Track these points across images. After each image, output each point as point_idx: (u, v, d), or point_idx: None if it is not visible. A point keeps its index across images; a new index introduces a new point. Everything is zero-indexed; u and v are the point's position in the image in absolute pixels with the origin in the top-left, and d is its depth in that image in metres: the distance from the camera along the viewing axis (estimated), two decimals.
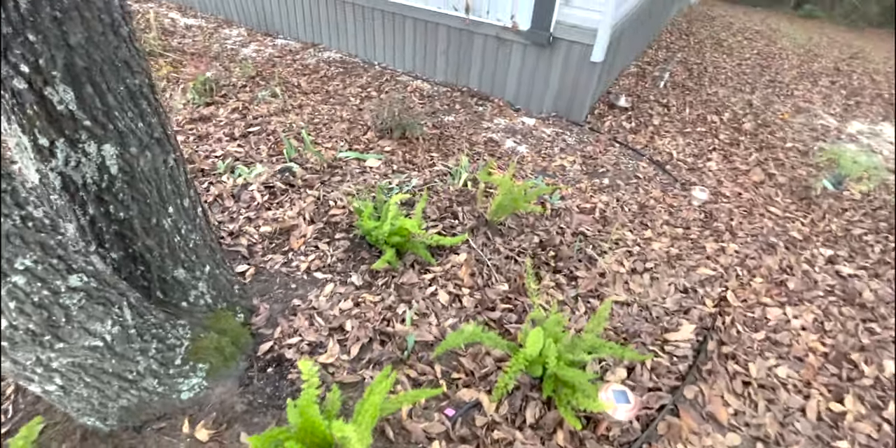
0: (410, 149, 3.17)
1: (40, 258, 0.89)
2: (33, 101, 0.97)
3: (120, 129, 1.10)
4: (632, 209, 3.15)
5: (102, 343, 1.06)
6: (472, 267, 2.15)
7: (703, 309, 2.34)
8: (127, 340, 1.11)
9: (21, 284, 0.88)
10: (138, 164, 1.17)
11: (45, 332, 0.95)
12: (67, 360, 1.02)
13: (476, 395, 1.60)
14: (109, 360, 1.08)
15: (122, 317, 1.10)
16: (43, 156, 1.07)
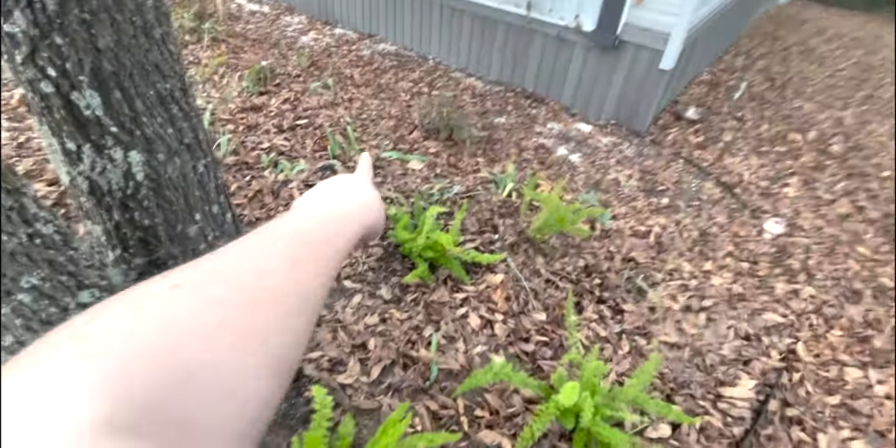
0: (456, 152, 3.04)
1: (48, 276, 0.85)
2: (60, 105, 0.92)
3: (148, 135, 1.04)
4: (692, 236, 2.87)
5: None
6: (508, 290, 2.01)
7: (768, 362, 2.07)
8: None
9: (27, 302, 0.84)
10: (166, 170, 1.12)
11: None
12: None
13: (499, 440, 1.47)
14: None
15: None
16: (71, 159, 1.02)
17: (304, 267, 0.30)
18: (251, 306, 0.26)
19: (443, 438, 1.27)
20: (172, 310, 0.23)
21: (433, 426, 1.47)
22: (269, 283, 0.27)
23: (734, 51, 5.94)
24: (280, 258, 0.29)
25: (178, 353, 0.22)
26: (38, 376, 0.19)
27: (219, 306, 0.24)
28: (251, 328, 0.25)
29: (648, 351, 2.02)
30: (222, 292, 0.25)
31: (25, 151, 2.44)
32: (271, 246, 0.30)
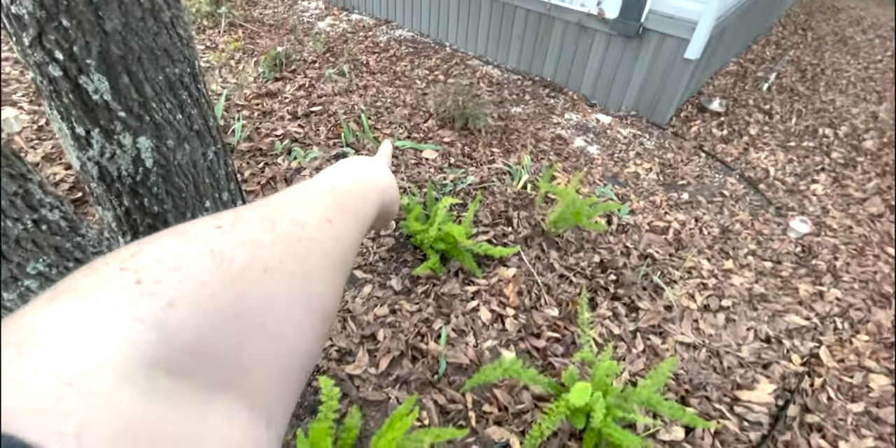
0: (471, 141, 2.98)
1: (55, 262, 0.84)
2: (68, 89, 0.90)
3: (157, 120, 1.02)
4: (712, 233, 2.78)
5: None
6: (520, 284, 1.97)
7: (788, 366, 2.01)
8: None
9: (34, 288, 0.83)
10: (175, 157, 1.10)
11: None
12: None
13: (507, 436, 1.45)
14: None
15: None
16: (80, 145, 1.01)
17: (339, 224, 0.30)
18: (296, 254, 0.25)
19: (450, 434, 1.25)
20: (221, 248, 0.22)
21: (440, 420, 1.46)
22: (310, 234, 0.27)
23: (764, 40, 5.71)
24: (319, 213, 0.29)
25: (228, 290, 0.21)
26: (85, 305, 0.18)
27: (266, 249, 0.24)
28: (298, 274, 0.24)
29: (663, 350, 1.98)
30: (268, 237, 0.25)
31: (45, 135, 2.46)
32: (310, 200, 0.31)
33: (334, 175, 0.39)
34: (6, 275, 0.78)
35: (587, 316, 1.77)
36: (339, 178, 0.38)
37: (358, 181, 0.39)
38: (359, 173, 0.41)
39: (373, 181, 0.41)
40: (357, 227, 0.33)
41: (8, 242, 0.77)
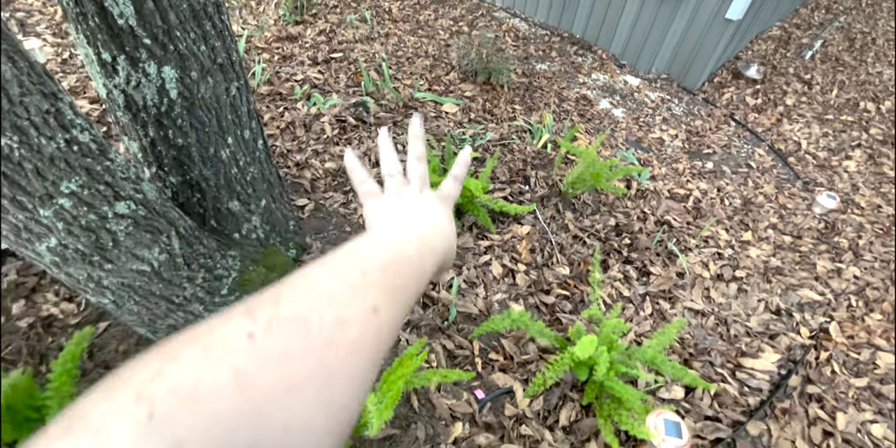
0: (493, 97, 2.90)
1: (86, 183, 0.86)
2: (94, 11, 0.88)
3: (181, 50, 1.00)
4: (733, 203, 2.74)
5: (150, 268, 1.06)
6: (533, 242, 1.99)
7: (796, 338, 2.03)
8: (174, 268, 1.12)
9: (68, 207, 0.86)
10: (198, 90, 1.09)
11: (93, 253, 0.95)
12: (116, 280, 1.03)
13: (511, 383, 1.52)
14: (157, 285, 1.10)
15: (170, 245, 1.09)
16: (107, 71, 1.01)
17: (385, 312, 0.29)
18: (328, 365, 0.24)
19: (456, 375, 1.31)
20: (247, 366, 0.22)
21: (448, 364, 1.52)
22: (349, 336, 0.26)
23: (814, 3, 5.34)
24: (366, 303, 0.28)
25: (245, 422, 0.21)
26: (98, 442, 0.18)
27: (295, 363, 0.23)
28: (325, 390, 0.24)
29: (671, 315, 2.01)
30: (300, 347, 0.24)
31: (69, 68, 2.44)
32: (360, 285, 0.29)
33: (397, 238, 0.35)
34: (42, 192, 0.81)
35: (598, 276, 1.79)
36: (402, 243, 0.35)
37: (419, 248, 0.35)
38: (422, 233, 0.37)
39: (433, 246, 0.37)
40: (405, 309, 0.31)
41: (43, 160, 0.79)
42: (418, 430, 1.32)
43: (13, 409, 1.02)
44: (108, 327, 1.31)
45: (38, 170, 0.79)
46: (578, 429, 1.48)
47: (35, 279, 1.35)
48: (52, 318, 1.29)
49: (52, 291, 1.33)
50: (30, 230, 0.86)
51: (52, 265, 0.95)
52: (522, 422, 1.43)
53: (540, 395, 1.51)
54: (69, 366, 1.03)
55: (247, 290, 1.36)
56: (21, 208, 0.81)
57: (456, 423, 1.37)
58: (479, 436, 1.36)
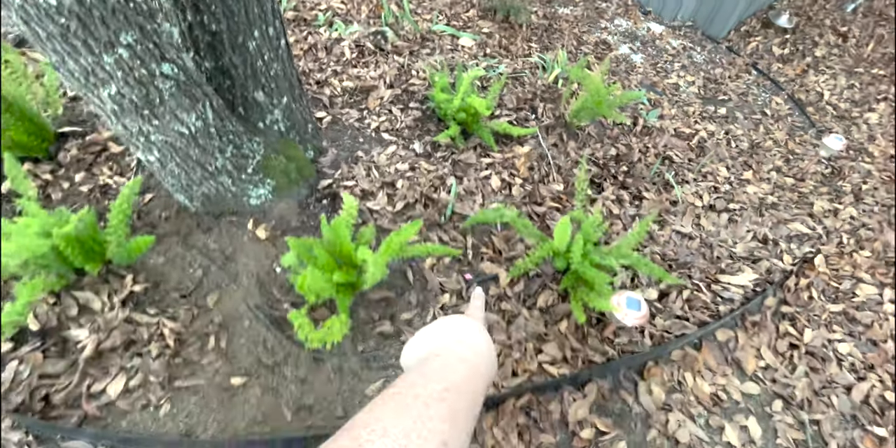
0: (510, 35, 2.97)
1: (139, 39, 1.05)
2: None
3: None
4: (740, 146, 2.79)
5: (188, 131, 1.27)
6: (532, 161, 2.13)
7: (777, 263, 2.14)
8: (208, 136, 1.32)
9: (126, 58, 1.05)
10: None
11: (144, 106, 1.15)
12: (162, 138, 1.24)
13: (497, 271, 1.71)
14: (194, 149, 1.31)
15: (205, 114, 1.29)
16: None
17: (451, 442, 0.32)
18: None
19: (443, 251, 1.50)
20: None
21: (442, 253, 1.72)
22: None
23: None
24: (435, 439, 0.32)
25: None
26: None
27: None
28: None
29: (659, 236, 2.14)
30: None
31: None
32: (425, 418, 0.33)
33: (446, 365, 0.40)
34: (106, 39, 1.00)
35: (584, 178, 1.88)
36: (451, 369, 0.39)
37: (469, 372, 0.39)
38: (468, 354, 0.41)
39: (479, 367, 0.41)
40: (468, 431, 0.35)
41: (106, 10, 0.97)
42: (411, 296, 1.53)
43: (82, 241, 1.27)
44: (152, 198, 1.54)
45: (103, 18, 0.98)
46: (553, 311, 1.67)
47: (92, 156, 1.58)
48: (108, 187, 1.53)
49: (106, 167, 1.57)
50: (96, 75, 1.06)
51: (112, 114, 1.16)
52: (503, 299, 1.63)
53: (521, 279, 1.70)
54: (124, 206, 1.26)
55: (268, 175, 1.57)
56: (90, 52, 1.01)
57: (444, 294, 1.57)
58: (463, 306, 1.56)
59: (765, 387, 1.81)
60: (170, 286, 1.32)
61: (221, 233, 1.46)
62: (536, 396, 1.48)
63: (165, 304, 1.28)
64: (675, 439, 1.56)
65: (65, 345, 1.15)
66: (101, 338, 1.15)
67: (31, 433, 1.05)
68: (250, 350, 1.27)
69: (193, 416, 1.14)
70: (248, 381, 1.22)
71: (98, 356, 1.15)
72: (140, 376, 1.15)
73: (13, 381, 1.06)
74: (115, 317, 1.19)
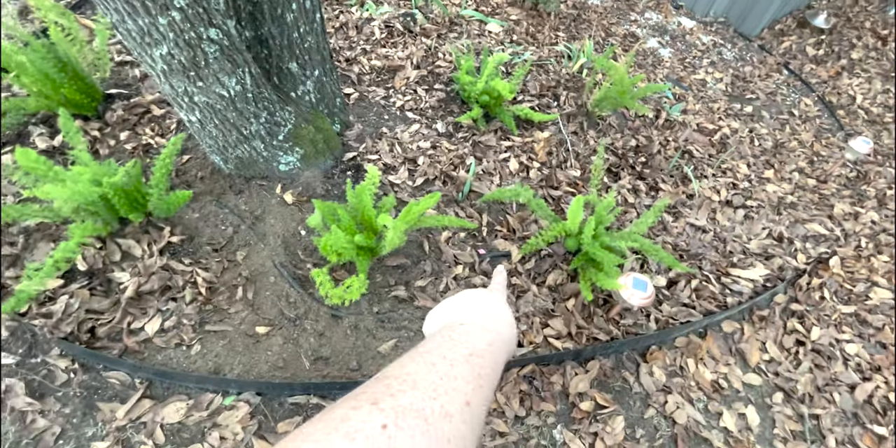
0: (537, 23, 3.01)
1: (190, 3, 1.14)
2: None
3: None
4: (763, 145, 2.80)
5: (228, 95, 1.36)
6: (551, 146, 2.18)
7: (791, 261, 2.17)
8: (245, 101, 1.41)
9: (178, 20, 1.14)
10: None
11: (190, 68, 1.25)
12: (204, 99, 1.34)
13: (510, 248, 1.78)
14: (231, 112, 1.40)
15: (244, 80, 1.38)
16: None
17: (475, 403, 0.34)
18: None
19: (459, 223, 1.57)
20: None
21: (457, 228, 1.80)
22: (455, 429, 0.31)
23: None
24: (461, 396, 0.34)
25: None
26: None
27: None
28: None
29: (672, 227, 2.18)
30: (424, 444, 0.28)
31: None
32: (452, 376, 0.35)
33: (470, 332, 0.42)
34: (162, 1, 1.10)
35: (600, 164, 1.93)
36: (476, 337, 0.41)
37: (492, 341, 0.42)
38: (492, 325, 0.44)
39: (502, 338, 0.44)
40: (489, 397, 0.37)
41: None
42: (426, 266, 1.62)
43: (127, 192, 1.38)
44: (189, 159, 1.65)
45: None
46: (562, 290, 1.73)
47: (136, 117, 1.70)
48: (149, 146, 1.64)
49: (148, 127, 1.68)
50: (151, 35, 1.15)
51: (162, 74, 1.26)
52: (514, 275, 1.70)
53: (531, 259, 1.77)
54: (167, 161, 1.37)
55: (297, 143, 1.66)
56: (147, 13, 1.11)
57: (458, 266, 1.65)
58: (475, 278, 1.64)
59: (767, 379, 1.86)
60: (203, 240, 1.42)
61: (252, 195, 1.56)
62: (540, 367, 1.55)
63: (199, 256, 1.39)
64: (673, 419, 1.63)
65: (109, 285, 1.27)
66: (140, 281, 1.27)
67: (77, 361, 1.17)
68: (274, 303, 1.37)
69: (221, 357, 1.24)
70: (271, 331, 1.33)
71: (138, 297, 1.26)
72: (174, 318, 1.26)
73: (64, 312, 1.18)
74: (153, 263, 1.30)
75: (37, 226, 1.30)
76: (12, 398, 1.07)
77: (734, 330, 1.95)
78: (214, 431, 1.16)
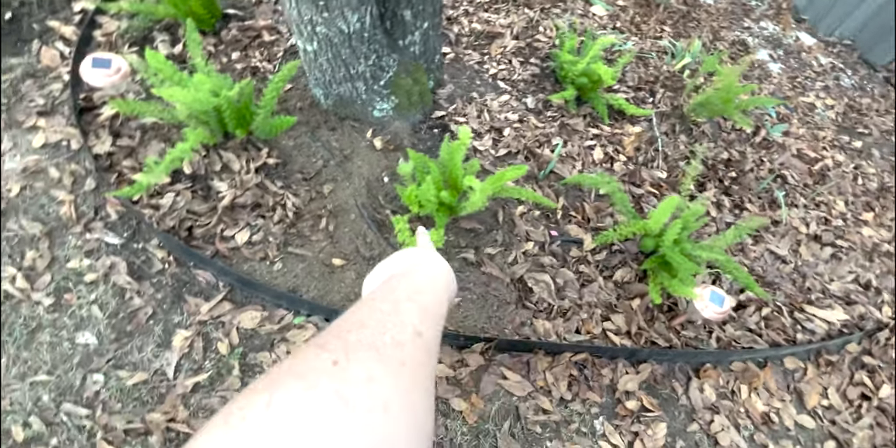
0: (644, 12, 3.29)
1: None
2: None
3: None
4: (868, 185, 3.02)
5: (346, 30, 1.66)
6: (641, 142, 2.45)
7: (874, 312, 2.38)
8: (360, 40, 1.71)
9: None
10: None
11: None
12: (325, 31, 1.64)
13: (582, 236, 2.05)
14: (346, 48, 1.70)
15: (364, 18, 1.68)
16: None
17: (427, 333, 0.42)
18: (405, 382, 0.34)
19: (540, 199, 1.82)
20: (344, 389, 0.30)
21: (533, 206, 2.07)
22: (409, 355, 0.37)
23: None
24: (410, 328, 0.40)
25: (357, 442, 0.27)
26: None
27: (380, 385, 0.32)
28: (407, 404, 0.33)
29: (751, 250, 2.43)
30: (379, 370, 0.33)
31: None
32: (399, 312, 0.42)
33: (408, 277, 0.52)
34: None
35: (693, 175, 2.18)
36: (414, 280, 0.51)
37: (431, 281, 0.52)
38: (428, 271, 0.55)
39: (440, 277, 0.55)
40: (438, 330, 0.44)
41: None
42: (497, 235, 1.89)
43: (237, 108, 1.68)
44: (291, 89, 1.97)
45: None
46: (628, 288, 1.99)
47: (248, 40, 2.03)
48: (257, 69, 1.96)
49: (258, 51, 2.00)
50: None
51: None
52: (582, 263, 1.96)
53: (603, 251, 2.03)
54: (279, 84, 1.67)
55: (394, 92, 1.96)
56: None
57: (528, 242, 1.93)
58: (544, 257, 1.91)
59: (821, 425, 2.08)
60: (295, 167, 1.72)
61: (343, 134, 1.85)
62: (593, 358, 1.81)
63: (290, 182, 1.68)
64: (716, 439, 1.86)
65: (208, 191, 1.56)
66: (236, 193, 1.56)
67: (172, 255, 1.47)
68: (352, 240, 1.66)
69: (299, 278, 1.52)
70: (346, 265, 1.61)
71: (232, 208, 1.55)
72: (261, 234, 1.55)
73: (169, 208, 1.48)
74: (250, 179, 1.59)
75: (152, 124, 1.60)
76: (114, 275, 1.37)
77: (796, 367, 2.18)
78: (282, 345, 1.44)
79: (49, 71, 1.86)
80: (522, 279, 1.83)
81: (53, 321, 1.47)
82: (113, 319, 1.45)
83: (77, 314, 1.49)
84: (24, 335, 1.45)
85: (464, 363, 1.66)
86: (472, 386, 1.65)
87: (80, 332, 1.46)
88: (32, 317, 1.48)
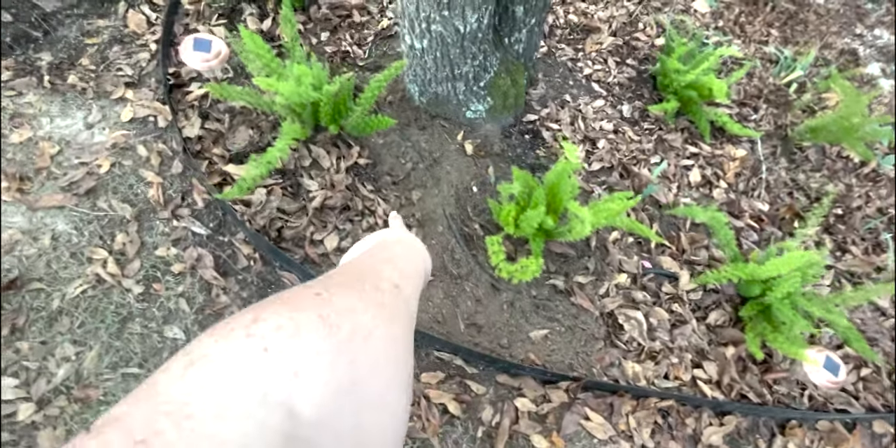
0: (750, 12, 3.38)
1: None
2: None
3: None
4: None
5: (462, 30, 1.75)
6: (743, 168, 2.57)
7: None
8: (473, 40, 1.80)
9: None
10: None
11: None
12: (440, 29, 1.73)
13: (676, 270, 2.17)
14: (455, 49, 1.79)
15: (483, 18, 1.77)
16: None
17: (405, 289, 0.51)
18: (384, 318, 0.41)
19: (647, 233, 1.94)
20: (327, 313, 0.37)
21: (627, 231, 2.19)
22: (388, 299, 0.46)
23: None
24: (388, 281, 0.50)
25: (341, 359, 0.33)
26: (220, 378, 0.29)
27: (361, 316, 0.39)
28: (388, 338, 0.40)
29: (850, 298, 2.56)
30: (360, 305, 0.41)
31: None
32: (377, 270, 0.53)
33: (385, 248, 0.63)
34: None
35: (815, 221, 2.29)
36: (392, 250, 0.62)
37: (407, 251, 0.63)
38: (403, 244, 0.66)
39: (414, 248, 0.66)
40: (416, 293, 0.54)
41: None
42: (589, 263, 2.00)
43: (336, 103, 1.78)
44: None
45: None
46: (720, 333, 2.11)
47: (338, 19, 2.12)
48: (346, 54, 2.07)
49: (348, 33, 2.11)
50: None
51: None
52: (676, 301, 2.09)
53: (698, 289, 2.16)
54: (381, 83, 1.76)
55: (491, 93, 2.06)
56: None
57: (622, 274, 2.05)
58: (636, 292, 2.03)
59: None
60: (384, 169, 1.83)
61: (433, 134, 1.96)
62: (678, 406, 1.95)
63: (380, 185, 1.79)
64: None
65: (298, 189, 1.68)
66: (327, 195, 1.67)
67: (259, 252, 1.59)
68: (439, 254, 1.77)
69: None
70: (434, 282, 1.72)
71: (321, 209, 1.67)
72: (350, 240, 1.67)
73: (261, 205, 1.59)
74: (341, 180, 1.70)
75: (241, 108, 1.71)
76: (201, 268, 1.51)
77: (885, 432, 2.32)
78: None
79: (136, 37, 1.97)
80: (613, 314, 1.95)
81: (143, 311, 1.62)
82: (199, 315, 1.60)
83: (165, 306, 1.63)
84: (115, 323, 1.59)
85: (547, 398, 1.79)
86: (554, 423, 1.78)
87: (169, 325, 1.60)
88: (123, 304, 1.63)
